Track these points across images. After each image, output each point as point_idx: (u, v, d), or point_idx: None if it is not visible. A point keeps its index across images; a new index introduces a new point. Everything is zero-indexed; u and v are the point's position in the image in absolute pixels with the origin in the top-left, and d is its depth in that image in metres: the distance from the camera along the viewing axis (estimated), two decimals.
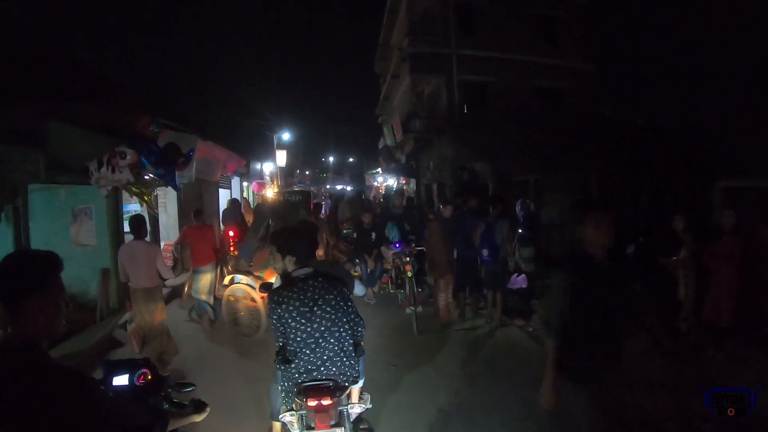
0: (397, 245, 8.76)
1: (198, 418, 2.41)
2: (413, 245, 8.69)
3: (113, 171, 6.34)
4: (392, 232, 9.11)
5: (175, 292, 9.29)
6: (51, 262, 1.75)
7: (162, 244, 10.64)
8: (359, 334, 3.28)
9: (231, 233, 10.39)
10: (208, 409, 2.44)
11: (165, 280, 6.37)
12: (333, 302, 3.08)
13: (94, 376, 1.90)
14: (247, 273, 7.50)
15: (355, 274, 8.80)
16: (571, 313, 2.83)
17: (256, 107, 21.40)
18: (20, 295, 1.64)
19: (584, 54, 20.02)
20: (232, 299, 7.45)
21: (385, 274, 9.80)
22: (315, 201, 14.64)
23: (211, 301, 8.04)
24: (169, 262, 7.80)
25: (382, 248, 9.34)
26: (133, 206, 10.10)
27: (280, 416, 3.20)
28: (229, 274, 7.96)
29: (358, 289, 4.23)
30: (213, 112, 13.68)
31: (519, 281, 8.17)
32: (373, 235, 9.29)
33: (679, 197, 10.00)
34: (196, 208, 8.65)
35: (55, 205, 8.15)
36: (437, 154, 16.40)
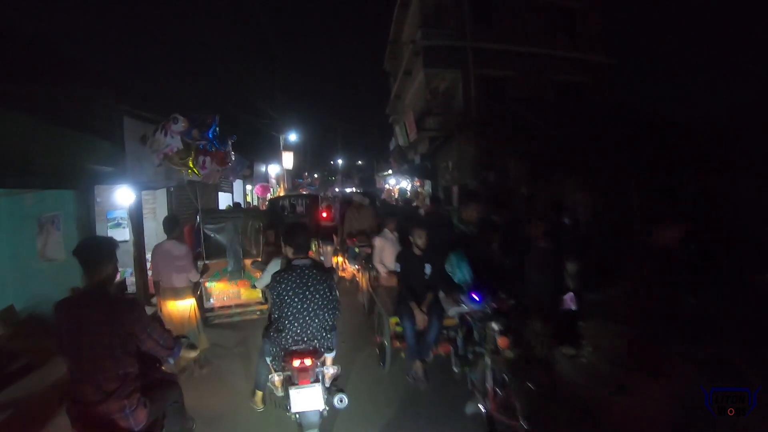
0: (476, 296, 4.62)
1: (189, 354, 3.57)
2: (504, 296, 4.72)
3: (165, 134, 6.19)
4: (460, 268, 5.20)
5: None
6: (113, 243, 3.10)
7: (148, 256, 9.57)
8: (336, 315, 3.96)
9: None
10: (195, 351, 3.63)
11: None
12: (322, 290, 3.85)
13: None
14: None
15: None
16: None
17: (260, 105, 20.20)
18: (97, 262, 2.93)
19: (604, 47, 19.31)
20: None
21: (445, 333, 5.52)
22: (326, 204, 13.54)
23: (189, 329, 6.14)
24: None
25: (441, 296, 5.35)
26: (119, 213, 9.05)
27: (270, 376, 3.89)
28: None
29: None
30: (212, 107, 12.45)
31: (567, 301, 6.85)
32: (427, 268, 5.59)
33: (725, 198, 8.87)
34: (168, 216, 6.90)
35: (20, 213, 7.01)
36: (457, 153, 15.18)
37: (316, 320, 3.82)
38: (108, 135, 6.77)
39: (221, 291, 7.55)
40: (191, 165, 6.71)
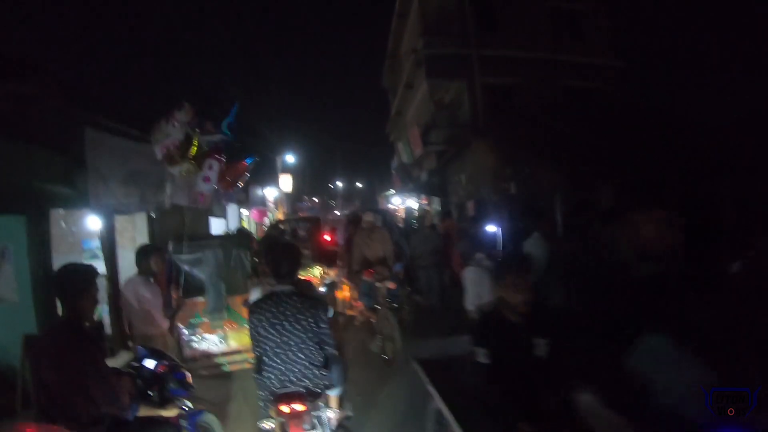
0: None
1: (165, 412, 3.28)
2: None
3: (167, 121, 5.46)
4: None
5: None
6: (92, 271, 2.95)
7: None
8: (328, 352, 3.40)
9: None
10: (176, 409, 3.39)
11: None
12: (304, 322, 3.30)
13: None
14: None
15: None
16: None
17: (255, 124, 19.16)
18: (73, 291, 2.79)
19: (613, 50, 18.52)
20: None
21: None
22: (330, 227, 12.83)
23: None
24: None
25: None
26: (97, 242, 7.84)
27: (260, 424, 3.42)
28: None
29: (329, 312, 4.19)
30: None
31: None
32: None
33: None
34: (141, 246, 5.92)
35: None
36: (471, 166, 14.02)
37: (301, 356, 3.32)
38: (63, 148, 5.50)
39: (203, 336, 6.20)
40: (191, 159, 5.70)
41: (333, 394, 3.55)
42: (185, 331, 6.01)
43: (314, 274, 8.69)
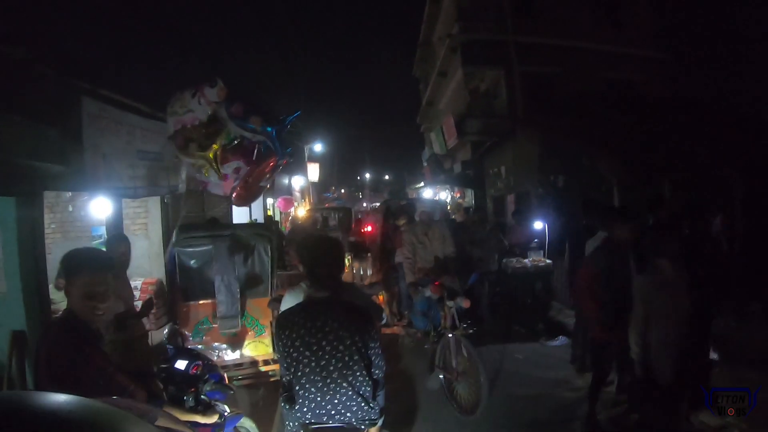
0: None
1: (202, 419, 2.83)
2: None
3: (193, 95, 4.82)
4: None
5: None
6: (107, 260, 2.55)
7: (139, 282, 7.71)
8: (377, 375, 2.65)
9: None
10: (216, 414, 2.91)
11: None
12: (348, 341, 2.51)
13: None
14: None
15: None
16: None
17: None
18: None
19: (656, 41, 17.30)
20: None
21: None
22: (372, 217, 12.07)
23: None
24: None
25: None
26: (103, 229, 7.28)
27: None
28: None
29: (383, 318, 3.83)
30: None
31: None
32: None
33: None
34: (113, 235, 5.20)
35: None
36: (512, 157, 13.19)
37: (345, 384, 2.54)
38: (57, 121, 4.82)
39: (211, 345, 5.31)
40: (209, 153, 4.98)
41: (374, 427, 2.82)
42: (190, 338, 5.22)
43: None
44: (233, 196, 5.53)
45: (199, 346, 5.05)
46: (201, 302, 5.30)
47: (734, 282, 6.76)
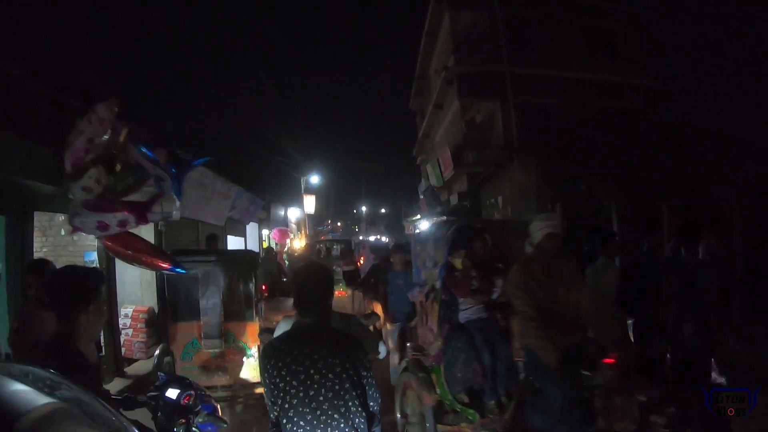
0: None
1: None
2: None
3: (83, 117, 3.99)
4: None
5: None
6: (95, 277, 2.41)
7: (129, 310, 7.57)
8: (372, 408, 2.41)
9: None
10: None
11: None
12: (339, 368, 2.29)
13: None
14: None
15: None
16: None
17: (280, 142, 18.61)
18: (70, 300, 2.20)
19: (649, 70, 18.12)
20: None
21: None
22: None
23: None
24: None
25: None
26: (95, 255, 7.20)
27: None
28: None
29: (382, 351, 3.61)
30: (223, 138, 10.74)
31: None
32: None
33: None
34: (33, 261, 4.72)
35: None
36: (509, 186, 13.24)
37: (336, 416, 2.32)
38: (50, 140, 4.77)
39: (199, 367, 5.47)
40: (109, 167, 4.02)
41: None
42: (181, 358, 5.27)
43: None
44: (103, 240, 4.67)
45: (187, 366, 5.17)
46: (189, 323, 5.46)
47: (737, 304, 6.70)
